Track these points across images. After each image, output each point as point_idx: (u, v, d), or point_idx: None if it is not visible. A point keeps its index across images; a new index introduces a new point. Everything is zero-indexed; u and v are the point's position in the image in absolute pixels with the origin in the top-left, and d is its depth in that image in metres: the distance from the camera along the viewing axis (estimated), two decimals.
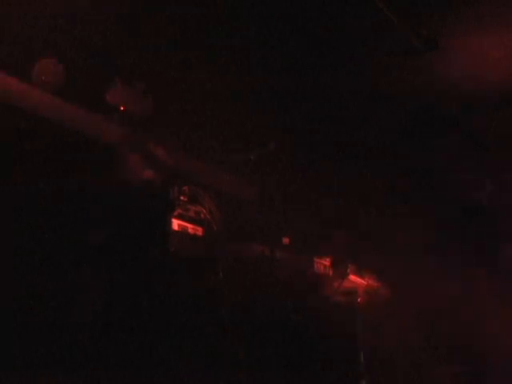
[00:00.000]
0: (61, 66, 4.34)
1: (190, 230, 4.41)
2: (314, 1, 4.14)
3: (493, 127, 5.48)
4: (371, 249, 5.78)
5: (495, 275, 6.07)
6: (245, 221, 5.03)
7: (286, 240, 5.21)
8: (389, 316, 5.65)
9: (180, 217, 4.37)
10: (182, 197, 4.41)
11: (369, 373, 5.11)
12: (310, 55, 4.60)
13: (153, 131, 4.51)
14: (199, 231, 4.46)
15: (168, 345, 4.12)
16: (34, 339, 3.64)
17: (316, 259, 5.35)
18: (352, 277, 5.32)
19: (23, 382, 3.53)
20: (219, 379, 4.32)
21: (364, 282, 5.40)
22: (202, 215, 4.45)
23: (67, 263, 3.84)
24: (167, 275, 4.24)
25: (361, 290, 5.31)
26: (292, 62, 4.66)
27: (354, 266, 5.38)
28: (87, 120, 4.58)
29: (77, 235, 3.91)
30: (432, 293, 5.83)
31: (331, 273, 5.42)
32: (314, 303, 5.30)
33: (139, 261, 4.11)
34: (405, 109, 5.24)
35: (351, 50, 4.56)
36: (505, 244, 6.15)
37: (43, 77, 4.28)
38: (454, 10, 4.23)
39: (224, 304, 4.26)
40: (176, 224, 4.33)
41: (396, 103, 5.15)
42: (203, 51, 4.51)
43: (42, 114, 4.33)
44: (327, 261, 5.41)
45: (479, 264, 6.09)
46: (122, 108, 4.47)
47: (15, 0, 3.91)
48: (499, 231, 6.25)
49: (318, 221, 5.77)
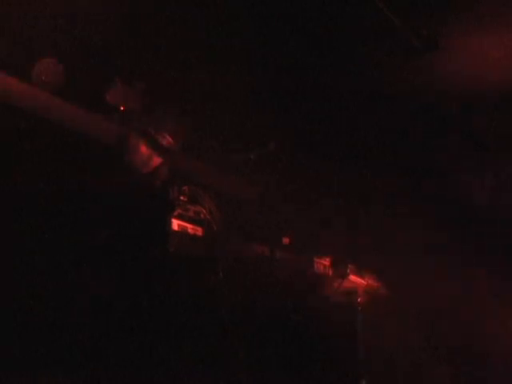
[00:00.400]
0: (61, 66, 4.35)
1: (190, 230, 4.41)
2: (314, 1, 4.14)
3: (493, 127, 5.48)
4: (371, 249, 5.79)
5: (495, 275, 6.07)
6: (245, 221, 5.03)
7: (286, 240, 5.21)
8: (389, 316, 5.65)
9: (180, 217, 4.36)
10: (182, 197, 4.41)
11: (369, 373, 5.11)
12: (310, 55, 4.60)
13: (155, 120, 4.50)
14: (199, 231, 4.45)
15: (168, 345, 4.13)
16: (34, 339, 3.64)
17: (316, 259, 5.35)
18: (352, 277, 5.32)
19: (23, 382, 3.53)
20: (219, 379, 4.33)
21: (364, 282, 5.40)
22: (202, 215, 4.45)
23: (67, 263, 3.84)
24: (167, 275, 4.24)
25: (361, 290, 5.31)
26: (292, 62, 4.66)
27: (354, 266, 5.37)
28: (87, 120, 4.58)
29: (77, 235, 3.91)
30: (432, 293, 5.83)
31: (331, 273, 5.42)
32: (314, 303, 5.30)
33: (139, 261, 4.11)
34: (405, 109, 5.23)
35: (351, 50, 4.56)
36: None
37: (43, 77, 4.29)
38: (454, 10, 4.22)
39: (224, 304, 4.26)
40: (176, 224, 4.33)
41: (396, 103, 5.14)
42: (203, 51, 4.51)
43: (42, 114, 4.34)
44: (327, 261, 5.41)
45: (479, 264, 6.09)
46: (122, 108, 4.47)
47: (15, 0, 3.91)
48: (499, 232, 6.25)
49: (318, 221, 5.77)
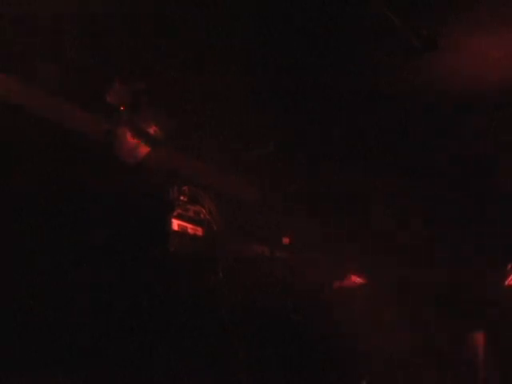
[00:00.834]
0: (60, 66, 4.35)
1: (190, 230, 4.41)
2: (314, 1, 4.14)
3: (493, 127, 5.47)
4: (371, 249, 5.79)
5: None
6: (245, 221, 5.03)
7: (286, 240, 5.21)
8: (389, 316, 5.65)
9: (180, 217, 4.37)
10: (182, 197, 4.41)
11: (369, 373, 5.12)
12: (310, 55, 4.60)
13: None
14: (199, 231, 4.46)
15: (168, 345, 4.13)
16: (34, 339, 3.64)
17: (317, 260, 5.35)
18: (352, 277, 5.32)
19: (23, 382, 3.53)
20: (219, 379, 4.33)
21: (364, 282, 5.41)
22: (202, 215, 4.45)
23: (67, 263, 3.84)
24: (167, 275, 4.24)
25: (361, 290, 5.31)
26: (292, 62, 4.66)
27: (353, 265, 5.38)
28: (87, 120, 4.58)
29: (77, 235, 3.91)
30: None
31: (331, 273, 5.43)
32: (314, 303, 5.30)
33: (139, 261, 4.11)
34: (405, 109, 5.23)
35: (351, 50, 4.56)
36: None
37: (44, 77, 4.29)
38: (454, 10, 4.22)
39: (224, 304, 4.26)
40: (176, 224, 4.33)
41: (396, 103, 5.14)
42: (203, 51, 4.51)
43: (42, 114, 4.34)
44: (328, 262, 5.41)
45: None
46: (122, 108, 4.47)
47: (15, 0, 3.91)
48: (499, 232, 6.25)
49: (318, 221, 5.77)
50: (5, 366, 3.49)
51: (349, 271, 5.35)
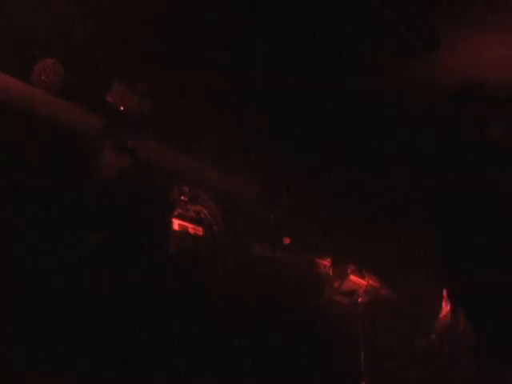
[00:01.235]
0: (61, 66, 4.35)
1: (191, 230, 4.41)
2: (314, 1, 4.15)
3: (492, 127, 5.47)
4: (371, 249, 5.78)
5: None
6: (245, 221, 5.03)
7: (287, 240, 5.21)
8: (389, 316, 5.65)
9: (180, 217, 4.37)
10: (183, 197, 4.41)
11: (369, 373, 5.11)
12: (311, 56, 4.61)
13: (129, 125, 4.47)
14: (199, 231, 4.46)
15: (168, 345, 4.12)
16: (35, 339, 3.64)
17: (316, 259, 5.34)
18: (352, 277, 5.31)
19: (23, 382, 3.53)
20: (219, 379, 4.33)
21: (364, 282, 5.39)
22: (203, 215, 4.45)
23: (67, 263, 3.84)
24: (167, 275, 4.24)
25: (361, 290, 5.30)
26: (292, 63, 4.67)
27: (354, 266, 5.37)
28: (87, 120, 4.58)
29: (77, 235, 3.91)
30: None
31: (331, 273, 5.42)
32: (314, 303, 5.30)
33: (139, 261, 4.11)
34: (405, 109, 5.24)
35: (351, 51, 4.57)
36: None
37: (43, 77, 4.29)
38: (454, 10, 4.23)
39: (224, 304, 4.26)
40: (176, 224, 4.33)
41: (396, 103, 5.15)
42: (203, 51, 4.51)
43: (42, 114, 4.34)
44: (327, 261, 5.40)
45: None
46: (122, 108, 4.47)
47: (15, 0, 3.91)
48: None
49: (319, 221, 5.77)
50: (5, 366, 3.49)
51: (349, 271, 5.33)
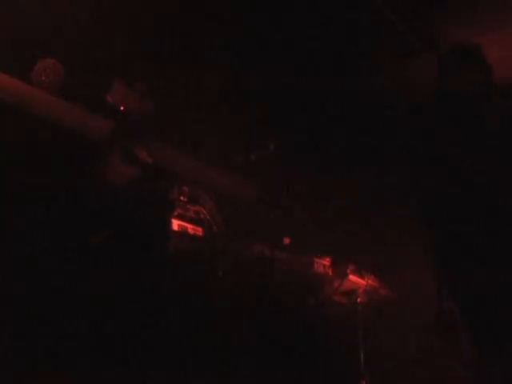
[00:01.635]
0: (61, 66, 4.35)
1: (190, 231, 4.41)
2: (314, 1, 4.15)
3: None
4: (371, 249, 5.78)
5: None
6: (245, 221, 5.03)
7: (286, 240, 5.20)
8: (389, 316, 5.65)
9: (180, 217, 4.37)
10: (182, 197, 4.41)
11: (369, 373, 5.10)
12: (311, 56, 4.61)
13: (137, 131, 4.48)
14: (199, 231, 4.45)
15: (168, 345, 4.12)
16: (35, 339, 3.64)
17: (316, 259, 5.34)
18: (352, 277, 5.30)
19: (23, 382, 3.54)
20: (219, 379, 4.33)
21: (363, 282, 5.38)
22: (202, 215, 4.45)
23: (67, 263, 3.85)
24: (167, 275, 4.24)
25: (361, 290, 5.29)
26: (292, 63, 4.67)
27: (354, 266, 5.36)
28: (87, 120, 4.59)
29: (77, 235, 3.91)
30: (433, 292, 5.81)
31: (331, 273, 5.41)
32: (314, 303, 5.30)
33: (139, 261, 4.11)
34: (405, 109, 5.23)
35: (351, 51, 4.57)
36: None
37: (43, 77, 4.29)
38: (454, 10, 4.23)
39: (224, 304, 4.26)
40: (176, 224, 4.33)
41: (396, 103, 5.15)
42: (204, 51, 4.51)
43: (42, 114, 4.34)
44: (327, 261, 5.39)
45: None
46: (122, 108, 4.47)
47: (15, 0, 3.91)
48: None
49: (319, 221, 5.76)
50: (5, 366, 3.49)
51: (349, 271, 5.33)
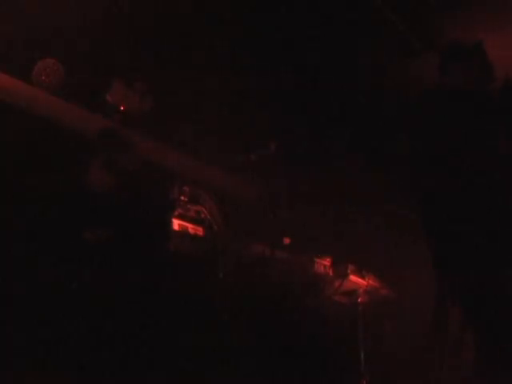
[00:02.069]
0: (61, 66, 4.36)
1: (191, 230, 4.41)
2: (315, 2, 4.16)
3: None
4: (371, 249, 5.78)
5: None
6: (245, 221, 5.03)
7: (287, 240, 5.20)
8: (389, 316, 5.65)
9: (180, 217, 4.36)
10: (183, 197, 4.41)
11: (369, 373, 5.10)
12: (311, 56, 4.62)
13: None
14: (200, 231, 4.45)
15: (168, 345, 4.12)
16: (35, 339, 3.64)
17: (316, 259, 5.34)
18: (352, 277, 5.30)
19: (23, 382, 3.54)
20: (219, 379, 4.33)
21: (364, 282, 5.38)
22: (203, 215, 4.45)
23: (67, 263, 3.85)
24: (167, 275, 4.24)
25: (361, 290, 5.29)
26: (292, 63, 4.67)
27: (354, 266, 5.36)
28: (87, 120, 4.59)
29: (77, 235, 3.91)
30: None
31: (331, 273, 5.41)
32: (314, 303, 5.30)
33: (139, 261, 4.11)
34: (404, 109, 5.24)
35: (352, 51, 4.57)
36: None
37: (43, 77, 4.30)
38: (454, 10, 4.24)
39: (224, 304, 4.26)
40: (176, 224, 4.33)
41: (396, 103, 5.15)
42: (204, 52, 4.52)
43: (42, 114, 4.34)
44: (327, 261, 5.39)
45: None
46: (122, 108, 4.48)
47: (15, 0, 3.92)
48: None
49: (319, 221, 5.77)
50: (5, 366, 3.49)
51: (349, 271, 5.33)
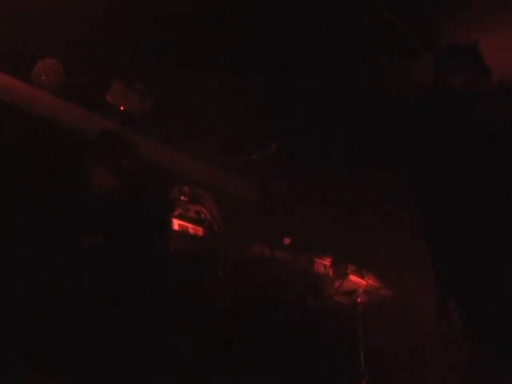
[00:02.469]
0: (61, 66, 4.35)
1: (191, 230, 4.40)
2: (315, 1, 4.15)
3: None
4: (371, 249, 5.78)
5: None
6: (245, 221, 5.03)
7: (287, 240, 5.20)
8: (389, 316, 5.65)
9: (180, 217, 4.36)
10: (183, 197, 4.41)
11: (369, 373, 5.10)
12: (311, 56, 4.62)
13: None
14: (200, 231, 4.45)
15: (168, 345, 4.12)
16: (35, 339, 3.64)
17: (316, 259, 5.34)
18: (352, 277, 5.30)
19: (23, 382, 3.54)
20: (219, 379, 4.33)
21: (364, 282, 5.39)
22: (203, 215, 4.45)
23: (67, 263, 3.85)
24: (167, 275, 4.24)
25: (361, 290, 5.30)
26: (292, 63, 4.67)
27: (354, 266, 5.36)
28: (87, 120, 4.59)
29: (77, 235, 3.91)
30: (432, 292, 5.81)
31: (331, 273, 5.41)
32: (314, 303, 5.30)
33: (139, 261, 4.11)
34: (404, 109, 5.24)
35: (352, 51, 4.57)
36: None
37: (43, 77, 4.29)
38: (454, 10, 4.24)
39: (224, 304, 4.26)
40: (176, 224, 4.33)
41: (396, 103, 5.15)
42: (203, 51, 4.52)
43: (42, 114, 4.34)
44: (327, 261, 5.39)
45: None
46: (122, 108, 4.47)
47: (15, 0, 3.92)
48: None
49: (319, 221, 5.77)
50: (5, 366, 3.49)
51: (349, 271, 5.33)
